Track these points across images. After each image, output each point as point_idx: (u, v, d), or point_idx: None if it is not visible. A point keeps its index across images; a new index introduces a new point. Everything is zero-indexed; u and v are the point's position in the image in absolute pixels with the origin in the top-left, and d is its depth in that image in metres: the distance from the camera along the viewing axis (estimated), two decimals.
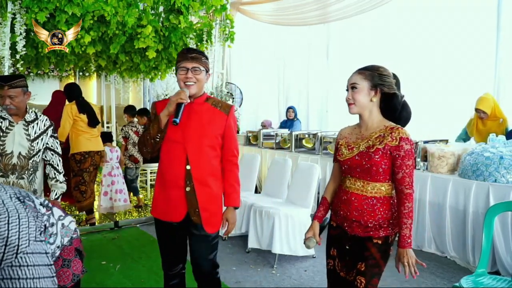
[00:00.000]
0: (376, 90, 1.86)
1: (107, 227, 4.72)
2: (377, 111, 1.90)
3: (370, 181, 1.85)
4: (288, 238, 3.68)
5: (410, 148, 1.80)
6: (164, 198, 2.18)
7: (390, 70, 1.91)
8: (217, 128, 2.15)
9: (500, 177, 3.46)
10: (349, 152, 1.92)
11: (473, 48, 4.96)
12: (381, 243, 1.85)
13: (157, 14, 4.24)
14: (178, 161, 2.11)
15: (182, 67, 2.10)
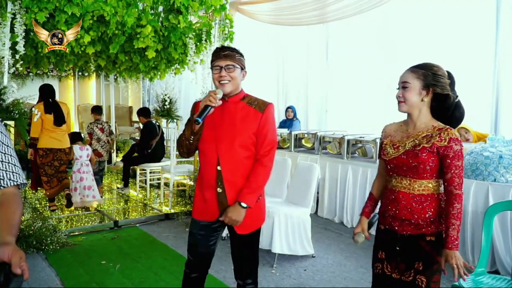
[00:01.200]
0: (428, 90, 1.84)
1: (107, 226, 4.72)
2: (427, 110, 1.88)
3: (417, 179, 1.85)
4: (288, 238, 3.68)
5: (460, 149, 1.80)
6: (201, 199, 2.19)
7: (444, 69, 1.88)
8: (250, 128, 2.08)
9: (499, 177, 3.47)
10: (394, 151, 1.92)
11: (473, 47, 4.96)
12: (434, 239, 1.85)
13: (156, 14, 4.24)
14: (211, 161, 2.10)
15: (216, 66, 2.08)
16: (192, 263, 2.27)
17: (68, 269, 3.54)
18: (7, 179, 1.40)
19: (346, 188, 4.82)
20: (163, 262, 3.72)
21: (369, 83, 6.12)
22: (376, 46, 6.07)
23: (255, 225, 2.18)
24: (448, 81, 1.84)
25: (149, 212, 5.30)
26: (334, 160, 5.04)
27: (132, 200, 5.93)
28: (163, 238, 4.39)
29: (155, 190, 6.50)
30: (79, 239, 4.31)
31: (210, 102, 1.97)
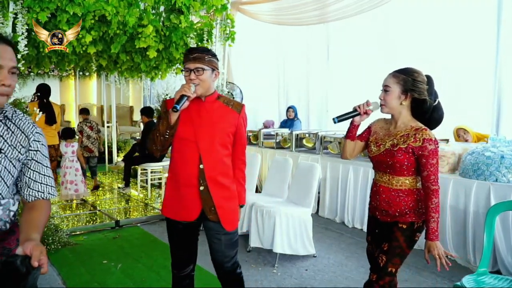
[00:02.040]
0: (406, 94, 2.00)
1: (108, 226, 4.73)
2: (407, 112, 2.04)
3: (395, 176, 2.04)
4: (289, 238, 3.68)
5: (435, 148, 1.95)
6: (177, 198, 2.16)
7: (423, 75, 2.02)
8: (228, 126, 2.14)
9: (501, 177, 3.46)
10: (377, 149, 2.10)
11: (473, 47, 4.96)
12: (405, 227, 2.03)
13: (158, 13, 4.24)
14: (191, 160, 2.09)
15: (186, 68, 2.09)
16: (177, 263, 2.27)
17: (69, 268, 3.54)
18: (46, 193, 1.49)
19: (347, 188, 4.82)
20: (164, 262, 3.72)
21: (369, 83, 6.12)
22: (377, 46, 6.06)
23: (238, 219, 2.26)
24: (426, 87, 1.99)
25: (150, 211, 5.30)
26: (335, 160, 5.04)
27: (133, 200, 5.93)
28: (164, 237, 4.39)
29: (156, 189, 6.50)
30: (80, 238, 4.32)
31: (185, 91, 2.00)
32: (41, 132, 1.49)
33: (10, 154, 1.38)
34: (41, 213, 1.43)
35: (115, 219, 4.89)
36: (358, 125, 2.21)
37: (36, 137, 1.46)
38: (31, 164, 1.45)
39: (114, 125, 8.47)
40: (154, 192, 6.33)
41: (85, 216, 5.09)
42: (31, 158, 1.45)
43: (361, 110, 2.13)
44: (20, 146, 1.42)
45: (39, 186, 1.47)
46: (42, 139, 1.48)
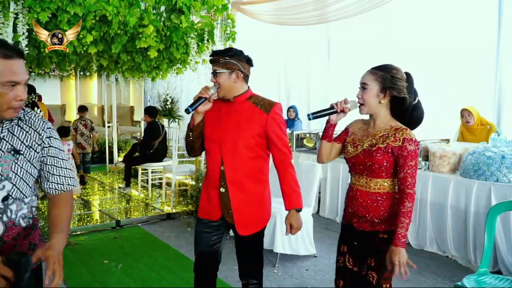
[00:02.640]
0: (385, 92, 1.88)
1: (109, 226, 4.73)
2: (386, 111, 1.93)
3: (373, 178, 1.90)
4: (290, 238, 3.68)
5: (414, 149, 1.83)
6: (205, 198, 2.20)
7: (403, 72, 1.91)
8: (254, 128, 2.07)
9: (501, 177, 3.46)
10: (354, 150, 1.96)
11: (474, 46, 4.95)
12: (387, 237, 1.88)
13: (158, 13, 4.24)
14: (215, 161, 2.11)
15: (212, 71, 2.12)
16: (198, 264, 2.27)
17: (70, 268, 3.54)
18: (66, 185, 1.55)
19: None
20: (164, 262, 3.72)
21: None
22: (377, 46, 6.06)
23: (258, 225, 2.18)
24: (405, 84, 1.88)
25: (151, 211, 5.31)
26: (336, 160, 4.99)
27: (134, 200, 5.94)
28: (165, 237, 4.40)
29: (156, 189, 6.50)
30: (81, 238, 4.32)
31: (201, 94, 2.02)
32: (52, 126, 1.53)
33: (28, 155, 1.44)
34: (62, 209, 1.52)
35: (116, 219, 4.89)
36: (335, 125, 2.06)
37: (48, 133, 1.50)
38: (47, 159, 1.50)
39: (114, 125, 8.47)
40: (154, 192, 6.33)
41: (85, 216, 5.10)
42: (46, 154, 1.50)
43: (337, 108, 1.98)
44: (36, 145, 1.47)
45: (58, 179, 1.52)
46: (53, 133, 1.52)
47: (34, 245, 1.51)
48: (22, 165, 1.42)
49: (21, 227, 1.45)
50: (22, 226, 1.45)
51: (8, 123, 1.41)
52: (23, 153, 1.42)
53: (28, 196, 1.46)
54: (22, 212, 1.45)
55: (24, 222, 1.46)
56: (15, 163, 1.39)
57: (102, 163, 8.81)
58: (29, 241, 1.51)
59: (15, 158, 1.39)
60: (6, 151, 1.39)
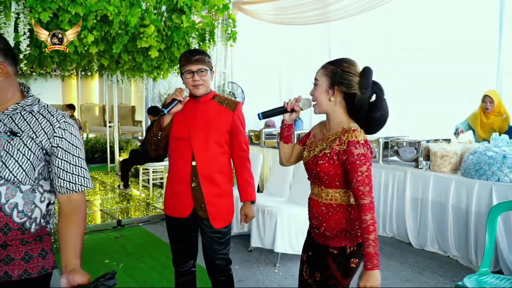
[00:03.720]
0: (333, 88, 1.68)
1: (110, 225, 4.74)
2: (340, 110, 1.71)
3: (324, 187, 1.72)
4: (291, 237, 3.68)
5: (363, 152, 1.58)
6: (172, 194, 2.23)
7: (357, 66, 1.72)
8: (223, 125, 2.19)
9: (503, 176, 3.46)
10: (307, 155, 1.79)
11: (475, 46, 4.95)
12: (336, 253, 1.69)
13: (159, 13, 4.25)
14: (185, 157, 2.16)
15: (188, 71, 2.14)
16: (177, 259, 2.32)
17: None
18: (78, 184, 1.44)
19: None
20: (166, 261, 3.72)
21: None
22: (378, 46, 6.05)
23: (229, 217, 2.27)
24: (357, 79, 1.66)
25: (152, 211, 5.31)
26: None
27: (135, 200, 5.94)
28: (166, 237, 4.37)
29: (158, 189, 6.51)
30: None
31: (176, 96, 2.07)
32: (71, 122, 1.47)
33: (26, 139, 1.38)
34: (77, 224, 1.41)
35: (117, 218, 4.90)
36: (289, 125, 1.91)
37: (63, 125, 1.43)
38: (58, 152, 1.42)
39: (116, 125, 8.48)
40: (156, 192, 6.34)
41: (87, 216, 5.10)
42: (56, 145, 1.42)
43: (287, 106, 1.82)
44: (42, 132, 1.40)
45: (70, 177, 1.43)
46: (69, 128, 1.44)
47: (30, 257, 1.40)
48: (16, 146, 1.36)
49: (11, 219, 1.34)
50: (14, 220, 1.35)
51: (11, 109, 1.40)
52: (20, 135, 1.37)
53: (25, 183, 1.37)
54: (14, 200, 1.35)
55: (18, 217, 1.36)
56: (8, 143, 1.35)
57: (103, 163, 8.83)
58: (26, 250, 1.40)
59: (10, 138, 1.36)
60: (3, 132, 1.36)
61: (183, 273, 2.33)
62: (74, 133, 1.46)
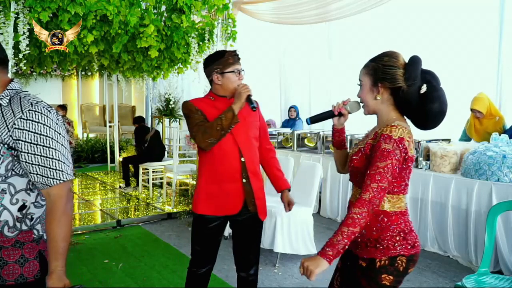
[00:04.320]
0: (377, 86, 1.57)
1: (110, 225, 4.74)
2: (389, 108, 1.59)
3: (358, 188, 1.58)
4: (290, 237, 3.68)
5: (389, 149, 1.46)
6: (218, 193, 2.20)
7: (399, 57, 1.58)
8: (255, 121, 2.29)
9: (503, 176, 3.45)
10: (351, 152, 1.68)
11: (475, 46, 4.94)
12: (365, 265, 1.56)
13: (159, 13, 4.25)
14: (232, 154, 2.18)
15: (236, 70, 2.19)
16: (201, 260, 2.30)
17: (71, 267, 3.53)
18: (51, 178, 1.30)
19: (349, 187, 4.82)
20: (165, 261, 3.72)
21: None
22: (378, 45, 6.04)
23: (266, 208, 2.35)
24: (401, 71, 1.53)
25: (152, 211, 5.31)
26: None
27: (135, 199, 5.94)
28: (165, 237, 4.40)
29: (157, 189, 6.51)
30: (82, 238, 4.33)
31: (249, 91, 2.14)
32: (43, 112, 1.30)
33: None
34: (58, 221, 1.29)
35: (117, 218, 4.90)
36: (339, 130, 1.82)
37: (27, 115, 1.27)
38: (21, 145, 1.28)
39: (116, 124, 8.48)
40: (155, 192, 6.34)
41: (86, 216, 5.11)
42: (17, 138, 1.27)
43: (334, 110, 1.77)
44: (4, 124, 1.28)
45: (43, 171, 1.29)
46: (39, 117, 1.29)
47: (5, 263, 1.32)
48: None
49: None
50: None
51: None
52: None
53: None
54: None
55: None
56: None
57: (104, 162, 8.84)
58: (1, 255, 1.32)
59: None
60: None
61: (201, 276, 2.31)
62: (44, 122, 1.29)
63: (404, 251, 1.52)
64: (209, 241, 2.27)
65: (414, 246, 1.54)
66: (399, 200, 1.56)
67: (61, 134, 1.35)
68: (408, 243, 1.53)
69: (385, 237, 1.52)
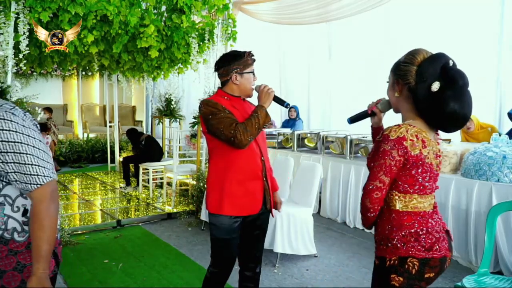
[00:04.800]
0: (397, 84, 1.57)
1: (110, 225, 4.74)
2: (408, 107, 1.56)
3: None
4: (290, 237, 3.68)
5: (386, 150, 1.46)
6: (243, 193, 2.17)
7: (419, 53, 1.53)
8: None
9: (503, 177, 3.45)
10: None
11: (475, 46, 4.94)
12: (377, 264, 1.56)
13: (159, 13, 4.25)
14: (255, 154, 2.21)
15: (252, 71, 2.25)
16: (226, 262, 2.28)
17: (70, 267, 3.55)
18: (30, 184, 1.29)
19: (349, 188, 4.82)
20: (165, 261, 3.72)
21: (371, 82, 6.11)
22: (379, 45, 6.05)
23: None
24: (415, 68, 1.50)
25: (152, 211, 5.31)
26: (337, 160, 5.03)
27: (135, 199, 5.94)
28: (165, 237, 4.40)
29: (158, 189, 6.51)
30: (82, 238, 4.33)
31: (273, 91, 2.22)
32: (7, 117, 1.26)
33: None
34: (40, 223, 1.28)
35: (117, 218, 4.90)
36: (376, 128, 1.80)
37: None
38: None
39: (116, 124, 8.48)
40: (155, 192, 6.34)
41: (86, 216, 5.11)
42: None
43: (368, 109, 1.78)
44: None
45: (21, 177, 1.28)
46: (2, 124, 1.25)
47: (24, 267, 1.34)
48: None
49: None
50: None
51: None
52: None
53: None
54: None
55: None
56: None
57: (104, 162, 8.84)
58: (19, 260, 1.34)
59: None
60: None
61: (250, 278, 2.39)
62: (9, 128, 1.26)
63: (416, 253, 1.47)
64: (234, 240, 2.24)
65: (431, 250, 1.48)
66: (413, 200, 1.52)
67: (31, 136, 1.31)
68: (421, 245, 1.48)
69: (396, 237, 1.50)
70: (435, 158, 1.54)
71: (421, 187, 1.52)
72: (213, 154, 2.23)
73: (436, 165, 1.55)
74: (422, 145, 1.48)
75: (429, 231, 1.50)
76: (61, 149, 8.97)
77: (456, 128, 1.53)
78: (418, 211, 1.52)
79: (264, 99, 2.18)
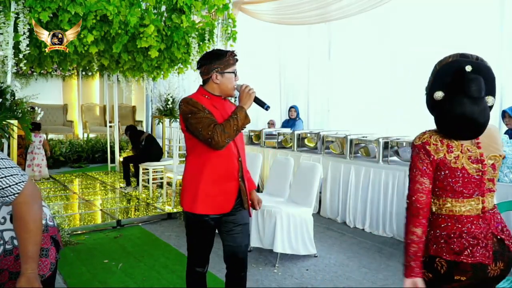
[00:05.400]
0: None
1: (110, 225, 4.74)
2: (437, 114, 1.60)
3: None
4: (290, 237, 3.68)
5: (413, 155, 1.59)
6: (217, 192, 2.20)
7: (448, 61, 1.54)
8: None
9: (503, 177, 3.45)
10: None
11: (476, 46, 4.93)
12: None
13: (159, 13, 4.25)
14: (232, 154, 2.22)
15: (235, 71, 2.22)
16: (202, 260, 2.32)
17: (70, 267, 3.55)
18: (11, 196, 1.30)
19: (349, 187, 4.82)
20: (165, 261, 3.72)
21: (371, 82, 6.11)
22: (378, 45, 6.05)
23: None
24: (432, 76, 1.58)
25: (152, 211, 5.31)
26: (337, 160, 5.03)
27: (135, 199, 5.94)
28: (165, 237, 4.40)
29: (158, 189, 6.51)
30: (82, 238, 4.33)
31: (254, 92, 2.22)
32: None
33: None
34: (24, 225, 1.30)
35: (117, 218, 4.90)
36: None
37: None
38: None
39: (116, 124, 8.48)
40: (155, 192, 6.34)
41: (86, 216, 5.11)
42: None
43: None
44: None
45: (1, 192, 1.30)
46: None
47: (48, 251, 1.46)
48: None
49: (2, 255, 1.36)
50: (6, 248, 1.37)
51: None
52: None
53: None
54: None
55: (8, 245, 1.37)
56: None
57: (104, 162, 8.84)
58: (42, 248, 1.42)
59: None
60: None
61: (203, 275, 2.34)
62: None
63: (444, 254, 1.51)
64: (206, 239, 2.28)
65: (461, 254, 1.49)
66: (447, 203, 1.55)
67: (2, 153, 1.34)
68: (451, 248, 1.51)
69: (430, 236, 1.57)
70: (473, 163, 1.53)
71: (451, 191, 1.54)
72: (190, 152, 2.25)
73: (477, 170, 1.54)
74: (447, 150, 1.52)
75: (462, 235, 1.51)
76: (61, 149, 8.97)
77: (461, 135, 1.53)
78: (453, 214, 1.55)
79: (244, 100, 2.18)
